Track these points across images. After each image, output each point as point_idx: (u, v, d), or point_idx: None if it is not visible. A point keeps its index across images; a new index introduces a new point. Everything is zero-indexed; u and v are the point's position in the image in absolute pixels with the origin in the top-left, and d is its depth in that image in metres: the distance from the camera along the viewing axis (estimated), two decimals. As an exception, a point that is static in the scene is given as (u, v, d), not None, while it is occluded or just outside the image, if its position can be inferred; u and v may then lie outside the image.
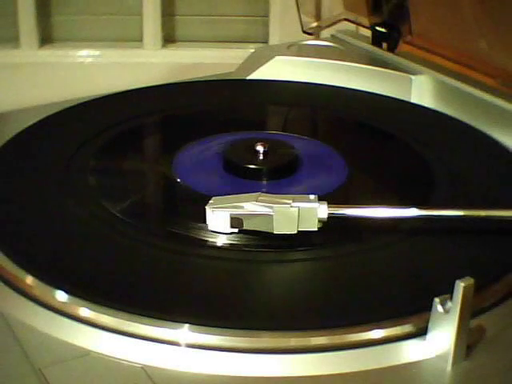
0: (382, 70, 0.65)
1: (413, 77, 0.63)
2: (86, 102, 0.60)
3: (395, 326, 0.35)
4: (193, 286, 0.37)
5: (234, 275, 0.39)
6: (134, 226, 0.43)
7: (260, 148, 0.49)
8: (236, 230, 0.41)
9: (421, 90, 0.63)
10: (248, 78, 0.67)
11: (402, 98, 0.63)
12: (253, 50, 0.73)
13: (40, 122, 0.56)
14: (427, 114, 0.60)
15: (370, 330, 0.34)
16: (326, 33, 0.77)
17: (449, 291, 0.33)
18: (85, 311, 0.35)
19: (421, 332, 0.35)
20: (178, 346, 0.34)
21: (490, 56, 0.60)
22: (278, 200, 0.41)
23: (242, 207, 0.41)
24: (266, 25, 0.92)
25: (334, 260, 0.40)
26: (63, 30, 0.91)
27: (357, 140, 0.57)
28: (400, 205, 0.42)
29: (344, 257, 0.40)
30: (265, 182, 0.48)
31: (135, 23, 0.91)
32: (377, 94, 0.63)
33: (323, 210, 0.40)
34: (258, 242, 0.41)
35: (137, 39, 0.91)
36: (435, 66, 0.64)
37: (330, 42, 0.74)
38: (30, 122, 0.55)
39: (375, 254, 0.41)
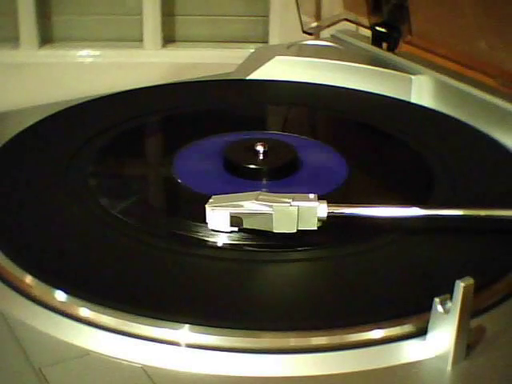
0: (382, 70, 0.65)
1: (413, 77, 0.63)
2: (86, 102, 0.60)
3: (395, 325, 0.35)
4: (193, 286, 0.37)
5: (234, 275, 0.39)
6: (134, 226, 0.43)
7: (260, 148, 0.49)
8: (236, 229, 0.41)
9: (421, 90, 0.63)
10: (248, 77, 0.67)
11: (402, 97, 0.63)
12: (253, 50, 0.73)
13: (40, 121, 0.56)
14: (427, 113, 0.60)
15: (370, 330, 0.34)
16: (326, 33, 0.77)
17: (449, 291, 0.33)
18: (85, 311, 0.35)
19: (421, 332, 0.35)
20: (178, 345, 0.34)
21: (490, 56, 0.60)
22: (277, 199, 0.41)
23: (241, 206, 0.41)
24: (266, 25, 0.92)
25: (334, 260, 0.40)
26: (63, 30, 0.91)
27: (357, 140, 0.57)
28: (399, 205, 0.42)
29: (344, 256, 0.40)
30: (265, 182, 0.48)
31: (135, 23, 0.91)
32: (377, 94, 0.63)
33: (323, 209, 0.40)
34: (258, 242, 0.41)
35: (137, 39, 0.91)
36: (435, 66, 0.64)
37: (330, 41, 0.74)
38: (30, 122, 0.55)
39: (375, 254, 0.41)
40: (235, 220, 0.41)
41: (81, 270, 0.38)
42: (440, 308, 0.33)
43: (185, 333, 0.34)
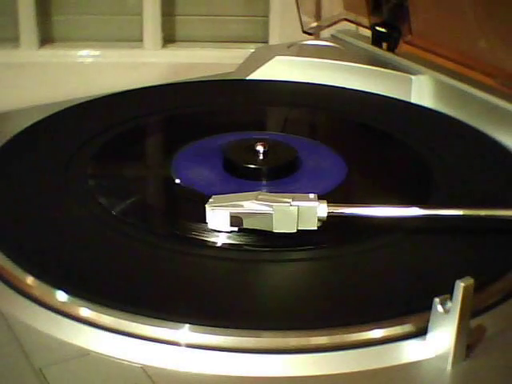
0: (382, 70, 0.65)
1: (413, 77, 0.63)
2: (86, 101, 0.60)
3: (395, 325, 0.35)
4: (193, 285, 0.37)
5: (234, 275, 0.39)
6: (133, 226, 0.43)
7: (260, 148, 0.49)
8: (236, 229, 0.41)
9: (421, 89, 0.63)
10: (248, 78, 0.67)
11: (402, 98, 0.63)
12: (253, 50, 0.73)
13: (40, 121, 0.56)
14: (427, 113, 0.60)
15: (370, 329, 0.34)
16: (326, 33, 0.77)
17: (449, 291, 0.33)
18: (85, 311, 0.35)
19: (421, 332, 0.35)
20: (178, 345, 0.34)
21: (490, 56, 0.60)
22: (277, 199, 0.41)
23: (241, 206, 0.41)
24: (266, 25, 0.92)
25: (334, 260, 0.40)
26: (63, 30, 0.91)
27: (356, 140, 0.57)
28: (399, 205, 0.42)
29: (344, 256, 0.40)
30: (265, 182, 0.48)
31: (135, 23, 0.91)
32: (377, 94, 0.63)
33: (323, 209, 0.40)
34: (258, 242, 0.41)
35: (137, 39, 0.91)
36: (435, 66, 0.64)
37: (330, 41, 0.74)
38: (30, 122, 0.55)
39: (375, 254, 0.41)
40: (235, 220, 0.41)
41: (81, 270, 0.38)
42: (440, 308, 0.33)
43: (185, 333, 0.34)
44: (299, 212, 0.40)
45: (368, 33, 0.73)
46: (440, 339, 0.34)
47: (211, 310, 0.35)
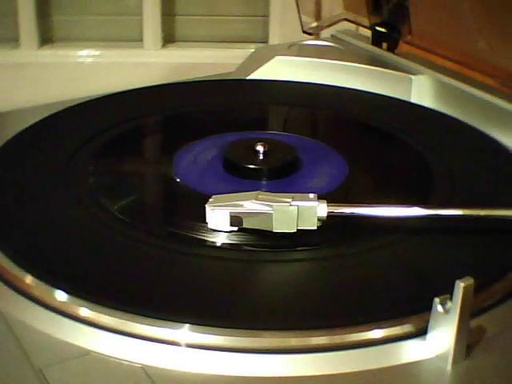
0: (382, 70, 0.65)
1: (413, 77, 0.63)
2: (86, 101, 0.60)
3: (395, 325, 0.35)
4: (193, 285, 0.37)
5: (234, 275, 0.39)
6: (133, 226, 0.43)
7: (260, 148, 0.49)
8: (235, 229, 0.41)
9: (421, 90, 0.63)
10: (248, 77, 0.67)
11: (402, 97, 0.63)
12: (253, 50, 0.73)
13: (40, 121, 0.56)
14: (427, 113, 0.60)
15: (370, 329, 0.34)
16: (326, 33, 0.77)
17: (449, 291, 0.33)
18: (85, 311, 0.35)
19: (421, 332, 0.35)
20: (178, 345, 0.34)
21: (490, 56, 0.60)
22: (277, 198, 0.41)
23: (241, 206, 0.41)
24: (266, 25, 0.92)
25: (334, 260, 0.40)
26: (63, 30, 0.91)
27: (357, 140, 0.57)
28: (400, 204, 0.42)
29: (344, 256, 0.40)
30: (265, 182, 0.48)
31: (135, 23, 0.91)
32: (377, 94, 0.63)
33: (322, 209, 0.40)
34: (258, 242, 0.41)
35: (137, 39, 0.91)
36: (435, 66, 0.64)
37: (330, 41, 0.74)
38: (30, 122, 0.55)
39: (375, 254, 0.41)
40: (235, 220, 0.41)
41: (81, 270, 0.38)
42: (440, 308, 0.33)
43: (185, 333, 0.34)
44: (299, 212, 0.40)
45: (368, 33, 0.73)
46: (440, 339, 0.34)
47: (211, 310, 0.35)
